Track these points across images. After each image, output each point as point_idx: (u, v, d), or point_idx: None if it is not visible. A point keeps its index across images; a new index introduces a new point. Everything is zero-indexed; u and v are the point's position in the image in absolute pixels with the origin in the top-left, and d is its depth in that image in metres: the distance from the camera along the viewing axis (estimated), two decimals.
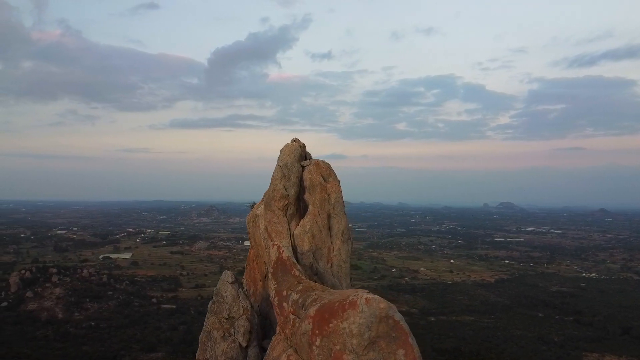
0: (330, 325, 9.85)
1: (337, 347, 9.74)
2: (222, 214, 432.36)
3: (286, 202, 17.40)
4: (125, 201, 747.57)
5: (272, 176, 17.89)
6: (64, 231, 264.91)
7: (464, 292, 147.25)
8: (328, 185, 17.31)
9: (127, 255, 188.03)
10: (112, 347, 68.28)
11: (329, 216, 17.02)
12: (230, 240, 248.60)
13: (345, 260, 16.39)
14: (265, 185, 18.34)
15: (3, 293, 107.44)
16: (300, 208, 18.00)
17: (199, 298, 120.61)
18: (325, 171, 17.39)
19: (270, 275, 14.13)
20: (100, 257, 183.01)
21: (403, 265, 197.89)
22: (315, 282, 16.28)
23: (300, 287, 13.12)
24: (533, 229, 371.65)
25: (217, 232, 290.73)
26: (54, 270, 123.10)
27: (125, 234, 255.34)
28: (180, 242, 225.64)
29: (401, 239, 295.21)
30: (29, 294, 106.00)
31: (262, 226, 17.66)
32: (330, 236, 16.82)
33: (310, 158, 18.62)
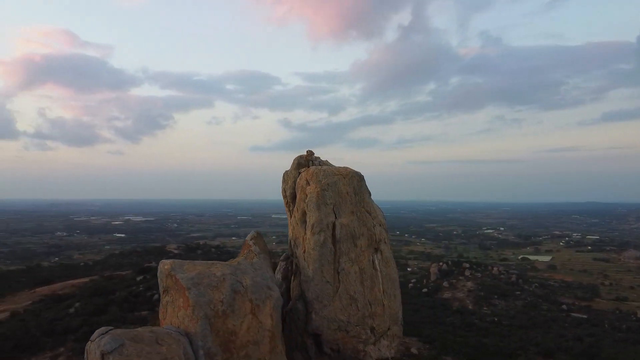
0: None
1: (161, 290, 16.36)
2: None
3: (286, 201, 22.06)
4: (554, 202, 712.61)
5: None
6: (491, 230, 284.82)
7: None
8: (308, 188, 20.69)
9: (547, 258, 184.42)
10: (510, 345, 70.34)
11: (304, 212, 20.17)
12: None
13: (313, 249, 19.16)
14: None
15: (425, 280, 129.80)
16: None
17: (617, 312, 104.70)
18: (310, 176, 20.83)
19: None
20: (519, 257, 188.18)
21: None
22: (295, 264, 19.75)
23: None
24: None
25: None
26: (467, 265, 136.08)
27: (548, 236, 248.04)
28: (608, 248, 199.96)
29: None
30: (444, 283, 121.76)
31: None
32: (305, 228, 19.84)
33: (316, 165, 21.64)
